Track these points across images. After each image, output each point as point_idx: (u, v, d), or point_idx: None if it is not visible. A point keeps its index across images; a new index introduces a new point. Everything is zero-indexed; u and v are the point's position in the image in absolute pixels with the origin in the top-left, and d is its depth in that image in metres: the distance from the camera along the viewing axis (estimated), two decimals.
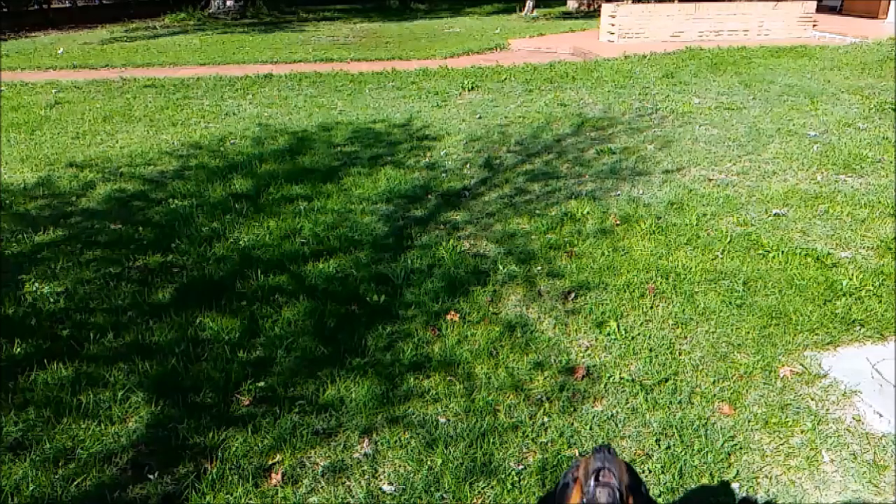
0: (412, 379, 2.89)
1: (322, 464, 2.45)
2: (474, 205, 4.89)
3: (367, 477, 2.39)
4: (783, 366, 2.95)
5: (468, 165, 5.78)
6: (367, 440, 2.56)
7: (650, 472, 2.39)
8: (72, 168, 5.90)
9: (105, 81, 10.04)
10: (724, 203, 4.76)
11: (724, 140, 6.28)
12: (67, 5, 21.65)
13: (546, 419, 2.65)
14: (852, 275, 3.69)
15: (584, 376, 2.91)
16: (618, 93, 8.44)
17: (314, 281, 3.73)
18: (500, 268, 3.87)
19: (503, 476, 2.38)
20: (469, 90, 8.88)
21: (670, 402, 2.74)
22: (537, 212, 4.69)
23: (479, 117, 7.41)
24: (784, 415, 2.66)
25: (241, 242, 4.28)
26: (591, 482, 1.31)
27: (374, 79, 9.84)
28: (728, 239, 4.15)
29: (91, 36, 16.84)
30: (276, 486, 2.35)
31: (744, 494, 2.31)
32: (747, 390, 2.81)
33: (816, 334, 3.17)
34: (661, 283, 3.66)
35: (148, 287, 3.71)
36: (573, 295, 3.57)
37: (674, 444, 2.50)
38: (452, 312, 3.39)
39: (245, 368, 2.96)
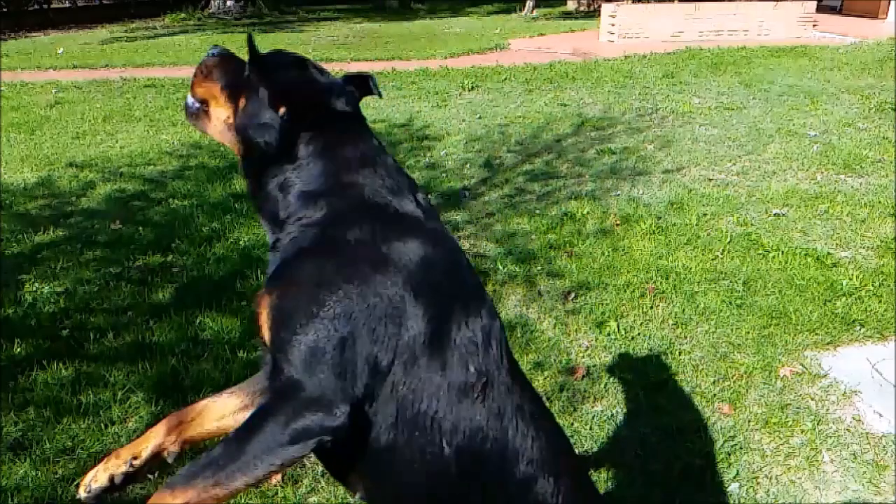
0: None
1: None
2: (474, 205, 4.89)
3: None
4: (783, 366, 2.95)
5: (468, 165, 5.78)
6: None
7: (651, 472, 2.39)
8: (72, 168, 5.90)
9: (105, 81, 10.03)
10: (724, 203, 4.76)
11: (724, 140, 6.28)
12: (67, 5, 21.62)
13: None
14: (852, 275, 3.69)
15: (584, 376, 2.91)
16: (618, 93, 8.44)
17: None
18: (500, 267, 3.87)
19: None
20: (469, 90, 8.88)
21: (670, 403, 2.74)
22: (537, 212, 4.69)
23: (479, 117, 7.41)
24: (784, 415, 2.66)
25: (241, 242, 4.28)
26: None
27: None
28: (728, 239, 4.15)
29: (91, 36, 16.83)
30: (276, 486, 2.35)
31: (744, 494, 2.31)
32: (747, 390, 2.81)
33: (816, 334, 3.17)
34: (661, 283, 3.66)
35: (148, 287, 3.71)
36: (573, 295, 3.57)
37: (674, 445, 2.50)
38: None
39: (245, 368, 2.96)
